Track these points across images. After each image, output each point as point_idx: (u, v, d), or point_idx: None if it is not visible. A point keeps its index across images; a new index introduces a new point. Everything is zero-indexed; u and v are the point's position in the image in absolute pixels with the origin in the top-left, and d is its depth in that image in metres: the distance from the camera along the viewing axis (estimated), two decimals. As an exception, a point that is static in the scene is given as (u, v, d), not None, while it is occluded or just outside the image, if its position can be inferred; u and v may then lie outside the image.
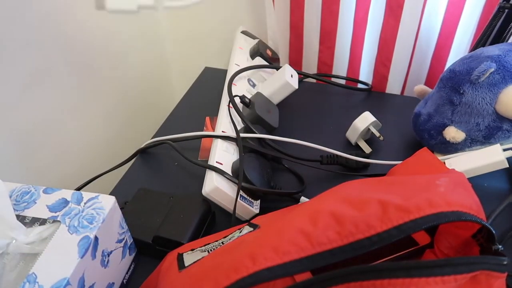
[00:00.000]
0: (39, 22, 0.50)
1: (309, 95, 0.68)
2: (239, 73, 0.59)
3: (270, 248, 0.26)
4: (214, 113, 0.64)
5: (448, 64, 0.65)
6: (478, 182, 0.47)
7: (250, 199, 0.47)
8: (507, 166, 0.45)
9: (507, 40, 0.52)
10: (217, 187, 0.43)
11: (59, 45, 0.54)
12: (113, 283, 0.38)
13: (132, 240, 0.42)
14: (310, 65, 0.73)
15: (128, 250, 0.41)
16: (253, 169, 0.46)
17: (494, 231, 0.28)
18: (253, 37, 0.74)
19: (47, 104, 0.54)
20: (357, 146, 0.58)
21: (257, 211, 0.46)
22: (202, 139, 0.59)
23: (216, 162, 0.46)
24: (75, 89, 0.58)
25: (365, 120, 0.55)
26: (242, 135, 0.50)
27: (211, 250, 0.33)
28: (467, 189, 0.31)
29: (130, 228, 0.41)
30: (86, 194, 0.37)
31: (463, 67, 0.48)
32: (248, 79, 0.63)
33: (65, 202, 0.37)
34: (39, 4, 0.50)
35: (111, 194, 0.52)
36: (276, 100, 0.59)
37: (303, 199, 0.48)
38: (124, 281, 0.41)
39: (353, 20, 0.65)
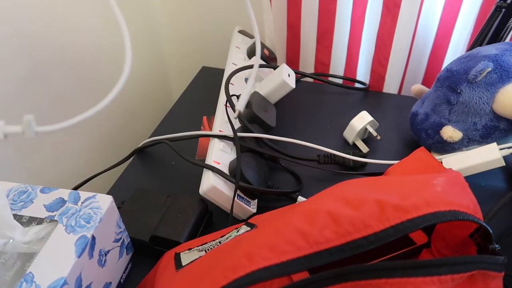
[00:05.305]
0: (37, 22, 0.50)
1: (306, 95, 0.68)
2: (236, 73, 0.59)
3: (267, 248, 0.26)
4: (211, 113, 0.64)
5: (445, 64, 0.66)
6: (475, 182, 0.47)
7: (248, 198, 0.47)
8: (504, 164, 0.45)
9: (504, 40, 0.52)
10: (214, 187, 0.43)
11: (57, 44, 0.54)
12: (110, 282, 0.38)
13: (129, 240, 0.42)
14: (307, 64, 0.73)
15: (125, 250, 0.41)
16: (250, 168, 0.46)
17: (491, 231, 0.28)
18: (250, 37, 0.73)
19: (44, 104, 0.53)
20: (354, 146, 0.58)
21: (254, 210, 0.46)
22: (200, 138, 0.59)
23: (213, 161, 0.46)
24: (72, 88, 0.58)
25: (362, 119, 0.56)
26: (239, 134, 0.49)
27: (208, 250, 0.33)
28: (464, 188, 0.31)
29: (127, 227, 0.41)
30: (83, 194, 0.37)
31: (460, 67, 0.48)
32: (245, 78, 0.63)
33: (62, 202, 0.36)
34: (38, 4, 0.49)
35: (108, 193, 0.52)
36: (273, 99, 0.59)
37: (300, 198, 0.48)
38: (122, 280, 0.41)
39: (350, 19, 0.65)
